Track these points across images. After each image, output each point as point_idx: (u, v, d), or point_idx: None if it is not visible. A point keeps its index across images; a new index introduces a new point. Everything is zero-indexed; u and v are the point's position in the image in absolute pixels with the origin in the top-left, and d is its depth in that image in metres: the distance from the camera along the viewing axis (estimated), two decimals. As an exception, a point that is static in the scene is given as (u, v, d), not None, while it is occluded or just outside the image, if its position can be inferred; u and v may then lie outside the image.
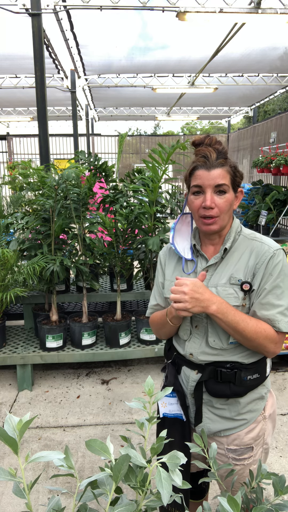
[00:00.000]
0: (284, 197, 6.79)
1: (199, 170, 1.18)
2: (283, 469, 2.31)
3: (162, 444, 0.74)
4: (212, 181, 1.17)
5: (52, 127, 15.68)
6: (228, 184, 1.19)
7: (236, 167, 1.22)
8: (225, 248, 1.24)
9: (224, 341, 1.23)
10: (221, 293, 1.21)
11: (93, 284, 3.14)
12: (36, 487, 2.18)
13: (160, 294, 1.42)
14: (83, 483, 0.71)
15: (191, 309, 1.14)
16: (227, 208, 1.20)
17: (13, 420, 0.68)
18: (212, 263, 1.26)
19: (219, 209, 1.18)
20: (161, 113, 14.02)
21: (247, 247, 1.24)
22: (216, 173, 1.17)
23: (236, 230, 1.28)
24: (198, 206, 1.20)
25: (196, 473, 1.52)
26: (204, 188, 1.19)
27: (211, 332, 1.24)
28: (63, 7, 4.82)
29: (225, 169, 1.18)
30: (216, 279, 1.24)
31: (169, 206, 3.37)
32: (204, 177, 1.17)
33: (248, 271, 1.21)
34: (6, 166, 10.16)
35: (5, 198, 3.56)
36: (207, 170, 1.17)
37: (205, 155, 1.17)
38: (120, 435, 0.95)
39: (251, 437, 1.30)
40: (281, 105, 22.77)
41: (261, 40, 6.78)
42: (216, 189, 1.18)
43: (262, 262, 1.20)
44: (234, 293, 1.21)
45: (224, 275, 1.23)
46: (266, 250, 1.21)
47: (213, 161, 1.17)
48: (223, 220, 1.21)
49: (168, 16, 5.36)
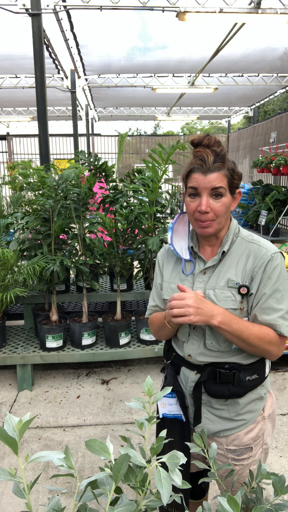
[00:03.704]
0: (284, 197, 6.79)
1: (195, 173, 1.17)
2: (283, 469, 2.31)
3: (162, 444, 0.74)
4: (208, 185, 1.16)
5: (52, 127, 15.69)
6: (225, 187, 1.17)
7: (234, 169, 1.20)
8: (223, 251, 1.24)
9: (222, 343, 1.23)
10: (218, 296, 1.21)
11: (93, 284, 3.14)
12: (36, 487, 2.18)
13: (158, 296, 1.42)
14: (83, 483, 0.71)
15: (195, 322, 1.13)
16: (223, 211, 1.18)
17: (13, 420, 0.68)
18: (210, 265, 1.26)
19: (215, 213, 1.18)
20: (161, 113, 14.02)
21: (245, 250, 1.24)
22: (213, 177, 1.15)
23: (234, 231, 1.27)
24: (194, 209, 1.20)
25: (196, 473, 1.52)
26: (200, 191, 1.17)
27: (209, 335, 1.24)
28: (63, 7, 4.82)
29: (222, 172, 1.16)
30: (213, 282, 1.23)
31: (169, 206, 3.37)
32: (200, 181, 1.16)
33: (246, 274, 1.21)
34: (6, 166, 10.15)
35: (5, 198, 3.56)
36: (203, 174, 1.16)
37: (203, 158, 1.16)
38: (120, 435, 0.95)
39: (250, 438, 1.30)
40: (281, 105, 22.77)
41: (261, 40, 6.78)
42: (212, 192, 1.17)
43: (260, 265, 1.19)
44: (232, 296, 1.20)
45: (221, 277, 1.23)
46: (264, 253, 1.21)
47: (210, 165, 1.15)
48: (219, 223, 1.20)
49: (168, 16, 5.37)
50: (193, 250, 1.30)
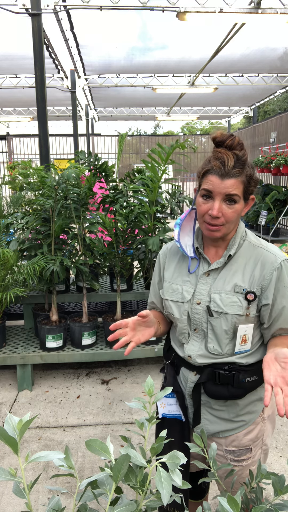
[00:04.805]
0: (284, 197, 6.80)
1: (212, 175, 1.12)
2: (283, 469, 2.31)
3: (162, 444, 0.74)
4: (223, 190, 1.11)
5: (52, 127, 15.71)
6: (239, 195, 1.13)
7: (252, 175, 1.16)
8: (229, 254, 1.21)
9: (224, 347, 1.21)
10: (224, 301, 1.19)
11: (93, 284, 3.14)
12: (36, 487, 2.18)
13: (155, 294, 1.41)
14: (83, 483, 0.71)
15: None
16: (234, 218, 1.15)
17: (13, 420, 0.68)
18: (215, 268, 1.23)
19: (226, 218, 1.14)
20: (161, 113, 14.02)
21: (252, 255, 1.22)
22: (229, 183, 1.11)
23: (241, 235, 1.25)
24: (205, 211, 1.16)
25: (195, 473, 1.52)
26: (213, 195, 1.13)
27: (211, 338, 1.22)
28: (63, 7, 4.82)
29: (239, 179, 1.12)
30: (219, 285, 1.21)
31: (169, 206, 3.38)
32: (215, 184, 1.12)
33: (254, 280, 1.19)
34: (6, 166, 10.16)
35: (5, 198, 3.57)
36: (221, 178, 1.11)
37: (223, 160, 1.10)
38: (120, 435, 0.95)
39: (250, 439, 1.30)
40: (281, 105, 22.77)
41: (261, 40, 6.78)
42: (226, 197, 1.13)
43: (271, 273, 1.18)
44: (238, 302, 1.18)
45: (228, 282, 1.21)
46: (273, 260, 1.19)
47: (229, 169, 1.10)
48: (228, 228, 1.17)
49: (168, 16, 5.36)
50: (198, 250, 1.28)
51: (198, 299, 1.24)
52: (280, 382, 0.94)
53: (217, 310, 1.19)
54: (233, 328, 1.19)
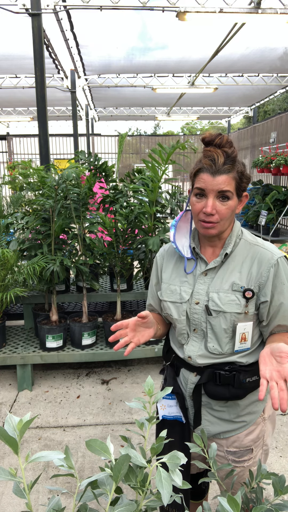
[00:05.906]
0: (284, 197, 6.80)
1: (204, 173, 1.14)
2: (283, 469, 2.31)
3: (162, 444, 0.74)
4: (215, 187, 1.13)
5: (52, 127, 15.70)
6: (232, 191, 1.15)
7: (243, 172, 1.18)
8: (225, 253, 1.22)
9: (224, 346, 1.21)
10: (223, 299, 1.19)
11: (93, 284, 3.14)
12: (36, 487, 2.18)
13: (153, 296, 1.41)
14: (83, 483, 0.71)
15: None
16: (229, 214, 1.17)
17: (13, 420, 0.68)
18: (212, 267, 1.24)
19: (220, 215, 1.16)
20: (161, 113, 14.03)
21: (249, 253, 1.23)
22: (221, 180, 1.13)
23: (237, 233, 1.25)
24: (199, 210, 1.17)
25: (196, 474, 1.52)
26: (206, 193, 1.15)
27: (211, 338, 1.22)
28: (63, 7, 4.82)
29: (231, 175, 1.14)
30: (217, 284, 1.22)
31: (169, 206, 3.37)
32: (208, 182, 1.13)
33: (251, 278, 1.20)
34: (6, 166, 10.16)
35: (5, 198, 3.57)
36: (212, 175, 1.13)
37: (213, 158, 1.12)
38: (120, 435, 0.95)
39: (251, 439, 1.30)
40: (281, 105, 22.78)
41: (261, 40, 6.78)
42: (219, 194, 1.14)
43: (268, 270, 1.18)
44: (236, 300, 1.19)
45: (225, 280, 1.21)
46: (270, 257, 1.20)
47: (220, 166, 1.12)
48: (223, 225, 1.19)
49: (168, 16, 5.37)
50: (195, 251, 1.28)
51: (196, 299, 1.24)
52: (275, 376, 0.95)
53: (215, 309, 1.20)
54: (232, 327, 1.19)
